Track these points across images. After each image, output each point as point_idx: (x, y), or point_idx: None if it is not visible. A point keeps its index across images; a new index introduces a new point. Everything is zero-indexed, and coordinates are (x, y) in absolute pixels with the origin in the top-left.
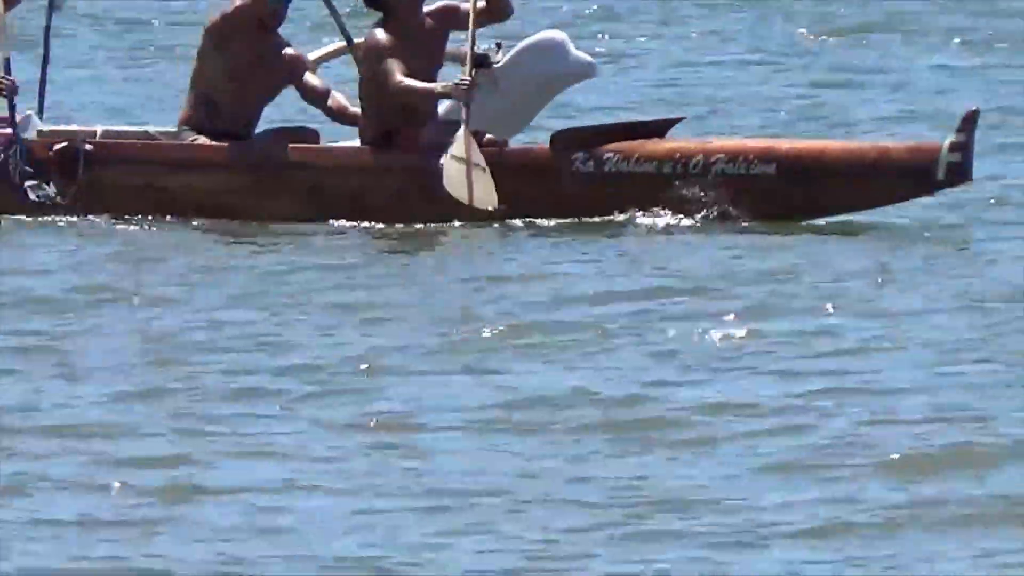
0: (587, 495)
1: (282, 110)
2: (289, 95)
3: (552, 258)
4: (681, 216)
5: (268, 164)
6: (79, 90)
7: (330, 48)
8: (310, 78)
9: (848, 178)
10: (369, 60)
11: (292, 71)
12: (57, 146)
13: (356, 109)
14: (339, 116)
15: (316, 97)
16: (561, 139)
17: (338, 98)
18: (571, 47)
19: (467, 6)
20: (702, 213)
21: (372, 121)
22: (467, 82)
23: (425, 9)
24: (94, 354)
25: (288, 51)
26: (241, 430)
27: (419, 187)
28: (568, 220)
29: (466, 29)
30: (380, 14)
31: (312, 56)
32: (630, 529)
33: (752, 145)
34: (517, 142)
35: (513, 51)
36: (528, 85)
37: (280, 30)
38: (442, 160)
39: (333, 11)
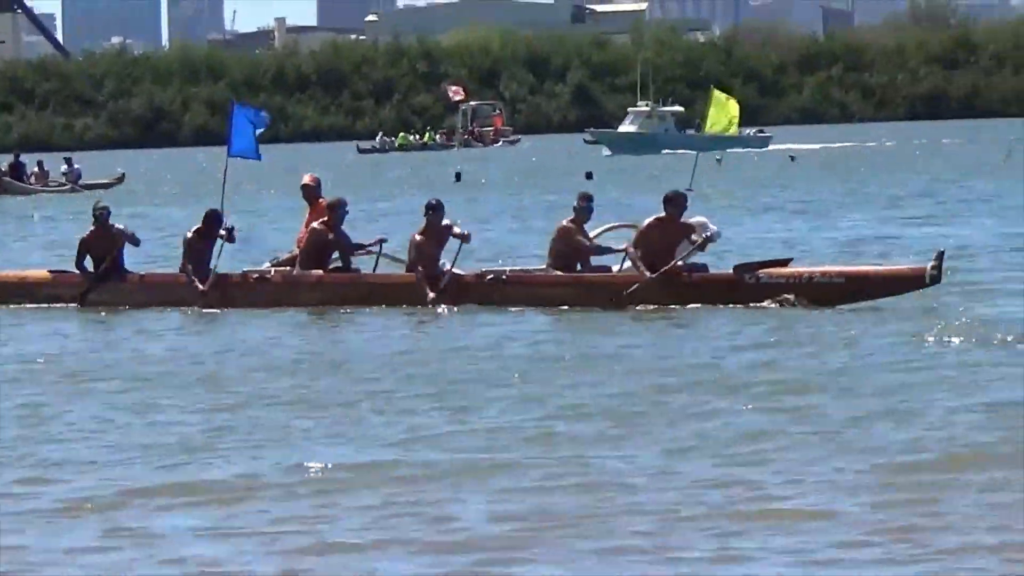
0: None
1: None
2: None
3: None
4: (794, 301)
5: None
6: None
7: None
8: None
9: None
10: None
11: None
12: None
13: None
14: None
15: None
16: (737, 267)
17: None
18: (711, 224)
19: None
20: (804, 302)
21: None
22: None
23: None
24: None
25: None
26: None
27: None
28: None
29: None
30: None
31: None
32: None
33: (829, 268)
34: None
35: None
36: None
37: None
38: None
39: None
